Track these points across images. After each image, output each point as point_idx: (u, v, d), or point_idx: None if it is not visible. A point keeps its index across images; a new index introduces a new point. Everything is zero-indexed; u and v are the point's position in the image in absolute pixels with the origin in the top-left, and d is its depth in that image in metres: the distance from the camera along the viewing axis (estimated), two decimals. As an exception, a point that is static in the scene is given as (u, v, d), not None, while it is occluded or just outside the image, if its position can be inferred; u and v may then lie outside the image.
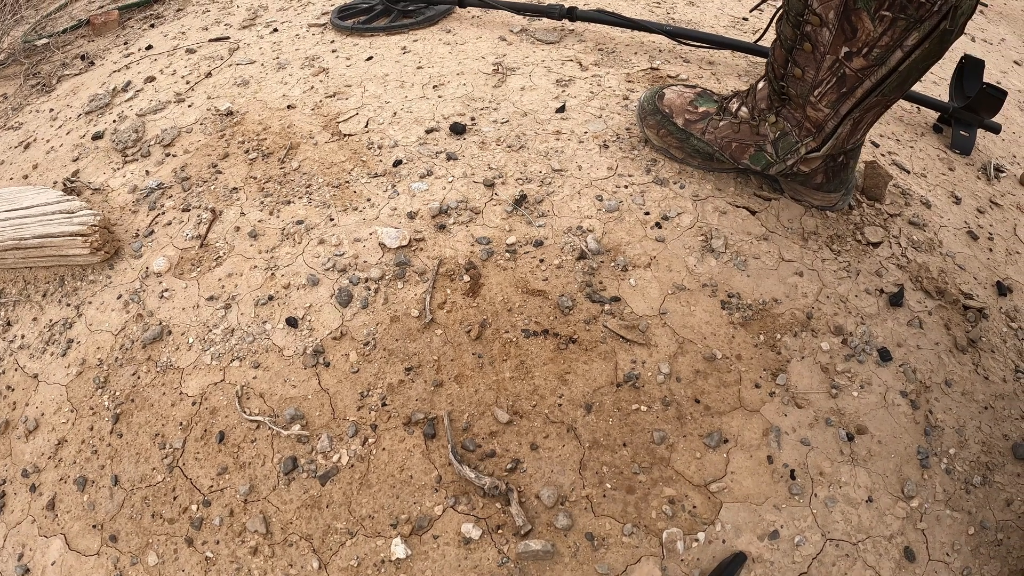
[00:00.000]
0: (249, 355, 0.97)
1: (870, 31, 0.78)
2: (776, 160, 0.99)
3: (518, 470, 0.83)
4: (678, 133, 1.07)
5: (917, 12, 0.74)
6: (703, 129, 1.04)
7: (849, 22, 0.79)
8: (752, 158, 1.01)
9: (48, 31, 2.15)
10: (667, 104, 1.09)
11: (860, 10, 0.77)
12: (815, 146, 0.95)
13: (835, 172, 1.00)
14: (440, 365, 0.92)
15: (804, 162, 0.98)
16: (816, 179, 1.01)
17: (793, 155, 0.97)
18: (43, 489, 0.96)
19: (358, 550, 0.81)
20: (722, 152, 1.03)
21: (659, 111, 1.09)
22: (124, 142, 1.38)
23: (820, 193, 1.03)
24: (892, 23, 0.76)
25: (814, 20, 0.83)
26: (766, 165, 1.01)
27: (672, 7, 1.68)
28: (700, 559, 0.78)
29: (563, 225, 1.04)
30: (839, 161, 0.99)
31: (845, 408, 0.88)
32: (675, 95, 1.10)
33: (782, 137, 0.97)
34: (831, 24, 0.81)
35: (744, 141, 1.01)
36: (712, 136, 1.04)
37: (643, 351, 0.91)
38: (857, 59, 0.81)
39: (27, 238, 1.12)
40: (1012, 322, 1.01)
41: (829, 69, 0.84)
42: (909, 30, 0.76)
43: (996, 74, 1.68)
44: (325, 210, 1.13)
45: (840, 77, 0.84)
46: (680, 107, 1.08)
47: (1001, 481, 0.86)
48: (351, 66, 1.49)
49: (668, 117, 1.08)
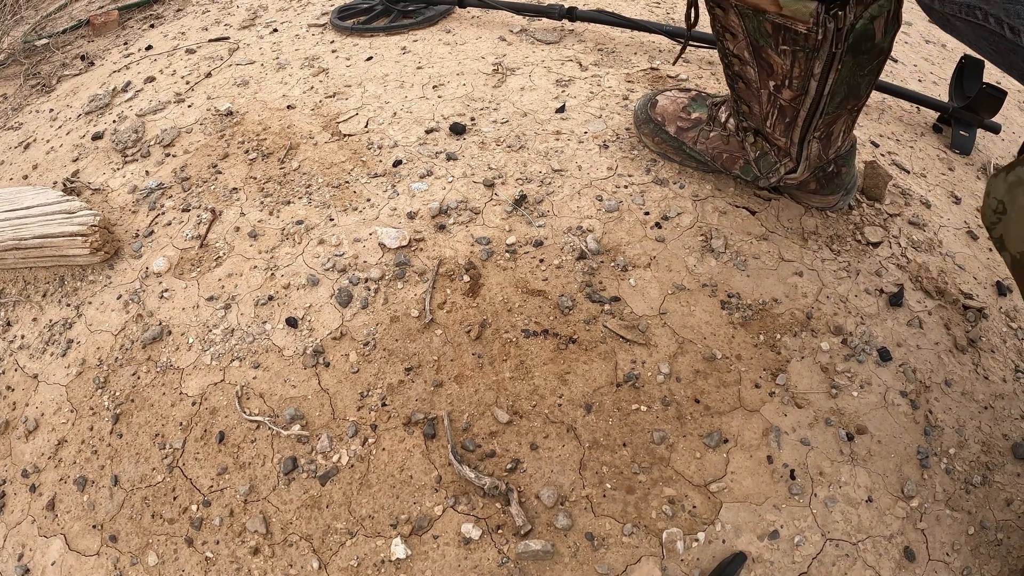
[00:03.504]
0: (249, 355, 0.97)
1: (781, 64, 0.80)
2: (761, 176, 1.01)
3: (518, 470, 0.83)
4: (671, 141, 1.09)
5: (806, 42, 0.76)
6: (695, 139, 1.06)
7: (762, 58, 0.82)
8: (742, 169, 1.03)
9: (48, 31, 2.15)
10: (659, 112, 1.10)
11: (764, 47, 0.80)
12: (792, 166, 0.97)
13: (828, 179, 1.00)
14: (440, 365, 0.92)
15: (789, 177, 0.99)
16: (810, 186, 1.01)
17: (775, 174, 0.99)
18: (43, 489, 0.96)
19: (358, 550, 0.81)
20: (713, 162, 1.05)
21: (651, 120, 1.11)
22: (124, 142, 1.38)
23: (817, 196, 1.03)
24: (794, 55, 0.78)
25: (735, 61, 0.87)
26: (754, 178, 1.03)
27: (672, 7, 1.68)
28: (700, 559, 0.78)
29: (563, 225, 1.04)
30: (829, 171, 0.99)
31: (845, 408, 0.88)
32: (668, 101, 1.11)
33: (762, 156, 0.99)
34: (750, 63, 0.84)
35: (733, 153, 1.02)
36: (704, 147, 1.05)
37: (643, 351, 0.91)
38: (786, 91, 0.83)
39: (27, 238, 1.12)
40: (1012, 322, 1.01)
41: (768, 102, 0.87)
42: (811, 59, 0.78)
43: (996, 74, 1.68)
44: (325, 210, 1.13)
45: (779, 108, 0.87)
46: (672, 114, 1.09)
47: (1001, 481, 0.86)
48: (351, 66, 1.49)
49: (660, 126, 1.09)
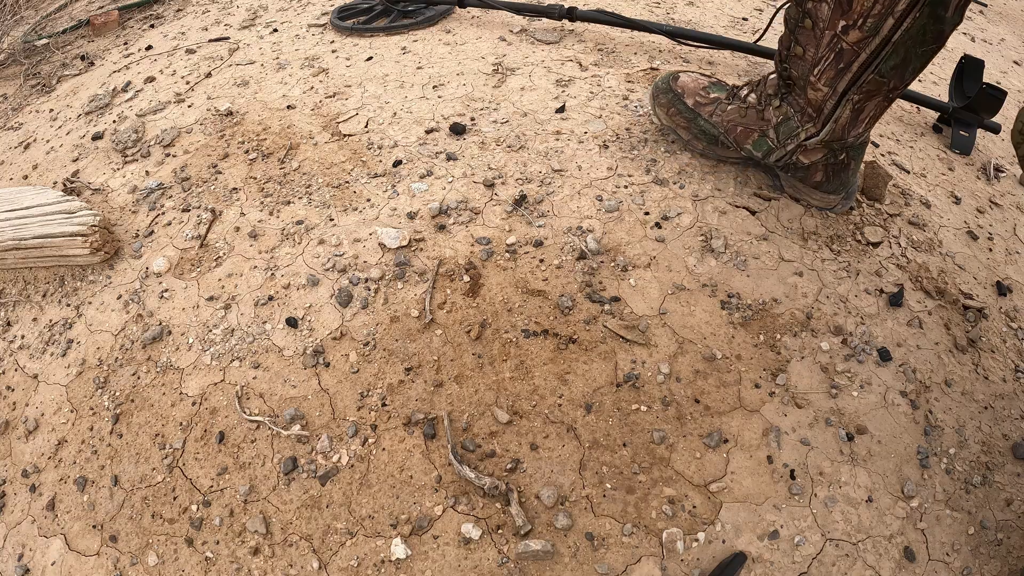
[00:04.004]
0: (249, 355, 0.97)
1: (864, 2, 0.82)
2: (777, 146, 1.01)
3: (518, 470, 0.83)
4: (687, 112, 1.10)
5: None
6: (711, 112, 1.08)
7: None
8: (755, 144, 1.04)
9: (48, 31, 2.15)
10: (680, 85, 1.13)
11: None
12: (814, 131, 0.97)
13: (836, 171, 1.00)
14: (440, 365, 0.92)
15: (804, 152, 0.99)
16: (816, 176, 1.01)
17: (793, 139, 0.99)
18: (43, 489, 0.96)
19: (358, 550, 0.81)
20: (727, 135, 1.06)
21: (671, 90, 1.13)
22: (124, 142, 1.38)
23: (819, 193, 1.03)
24: None
25: None
26: (767, 151, 1.03)
27: (672, 7, 1.68)
28: (700, 559, 0.78)
29: (563, 225, 1.04)
30: (840, 159, 0.99)
31: (845, 408, 0.88)
32: (689, 79, 1.14)
33: (784, 122, 1.00)
34: None
35: (749, 126, 1.04)
36: (719, 119, 1.07)
37: (643, 351, 0.91)
38: (853, 32, 0.85)
39: (27, 238, 1.12)
40: (1012, 322, 1.01)
41: (828, 45, 0.88)
42: None
43: (996, 74, 1.68)
44: (325, 210, 1.13)
45: (838, 52, 0.88)
46: (692, 90, 1.12)
47: (1001, 481, 0.86)
48: (351, 66, 1.49)
49: (679, 96, 1.12)
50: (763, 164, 1.07)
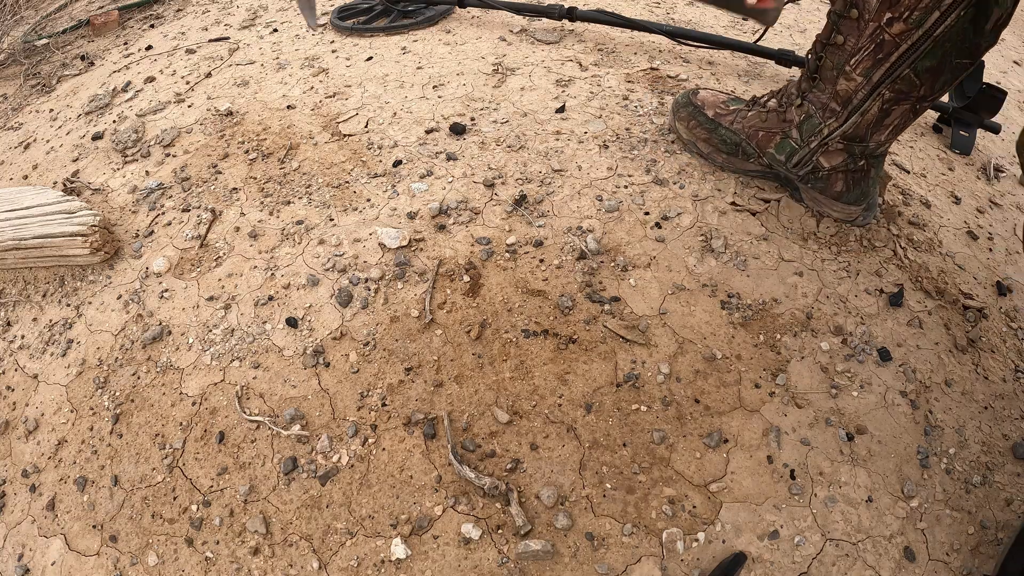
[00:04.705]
0: (249, 355, 0.97)
1: None
2: (800, 145, 1.01)
3: (518, 470, 0.83)
4: (707, 124, 1.11)
5: None
6: (732, 120, 1.09)
7: None
8: (778, 147, 1.04)
9: (48, 31, 2.15)
10: (701, 99, 1.15)
11: None
12: (837, 125, 0.97)
13: (856, 180, 1.00)
14: (440, 365, 0.92)
15: (825, 154, 0.99)
16: (836, 186, 1.01)
17: (816, 136, 0.99)
18: (43, 489, 0.96)
19: (358, 550, 0.81)
20: (749, 141, 1.07)
21: (691, 103, 1.14)
22: (124, 142, 1.38)
23: (840, 204, 1.03)
24: None
25: None
26: (791, 152, 1.03)
27: (672, 7, 1.68)
28: (700, 559, 0.78)
29: (563, 225, 1.04)
30: (860, 166, 0.99)
31: (845, 408, 0.88)
32: (709, 94, 1.16)
33: (806, 119, 1.00)
34: None
35: (771, 129, 1.04)
36: (740, 125, 1.08)
37: (643, 351, 0.91)
38: (897, 24, 0.85)
39: (27, 238, 1.12)
40: (1012, 322, 1.01)
41: (869, 36, 0.89)
42: None
43: (996, 74, 1.68)
44: (325, 210, 1.13)
45: (879, 43, 0.88)
46: (712, 103, 1.13)
47: (1001, 481, 0.86)
48: (351, 66, 1.49)
49: (699, 108, 1.13)
50: (784, 176, 1.07)
